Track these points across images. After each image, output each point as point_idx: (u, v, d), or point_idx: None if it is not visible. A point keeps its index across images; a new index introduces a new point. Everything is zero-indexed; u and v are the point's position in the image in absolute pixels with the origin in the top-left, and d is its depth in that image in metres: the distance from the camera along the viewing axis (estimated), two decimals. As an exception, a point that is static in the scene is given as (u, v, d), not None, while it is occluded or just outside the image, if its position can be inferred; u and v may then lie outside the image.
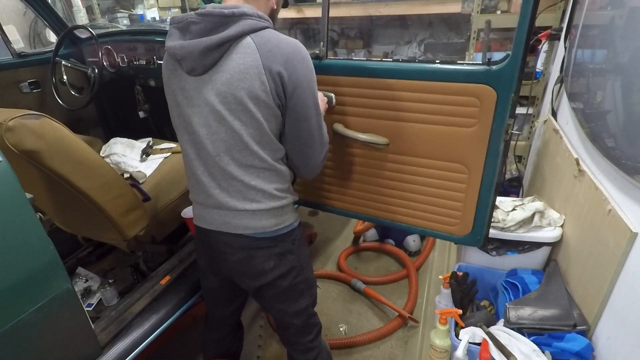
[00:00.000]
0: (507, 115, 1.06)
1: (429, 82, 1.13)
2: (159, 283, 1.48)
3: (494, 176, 1.15)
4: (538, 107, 2.22)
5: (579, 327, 1.18)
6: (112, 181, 1.31)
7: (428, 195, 1.29)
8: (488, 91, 1.05)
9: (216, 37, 0.92)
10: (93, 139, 2.11)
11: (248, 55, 0.93)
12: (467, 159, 1.17)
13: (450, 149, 1.18)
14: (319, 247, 2.51)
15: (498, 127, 1.08)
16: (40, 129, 1.08)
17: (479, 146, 1.13)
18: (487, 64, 1.05)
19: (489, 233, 1.28)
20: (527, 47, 0.98)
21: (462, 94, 1.10)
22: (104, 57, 1.91)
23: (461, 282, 1.46)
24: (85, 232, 1.64)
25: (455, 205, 1.25)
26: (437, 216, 1.30)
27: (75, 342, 1.12)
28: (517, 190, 2.23)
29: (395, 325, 1.87)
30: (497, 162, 1.13)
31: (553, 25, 2.07)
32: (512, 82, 1.01)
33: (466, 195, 1.22)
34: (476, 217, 1.23)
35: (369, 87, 1.22)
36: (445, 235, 1.32)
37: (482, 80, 1.05)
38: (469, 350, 1.21)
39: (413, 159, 1.26)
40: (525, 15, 0.95)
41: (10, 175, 0.88)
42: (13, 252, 0.90)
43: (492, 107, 1.06)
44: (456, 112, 1.13)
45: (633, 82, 1.01)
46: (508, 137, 1.10)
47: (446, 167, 1.22)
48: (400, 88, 1.17)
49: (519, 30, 0.96)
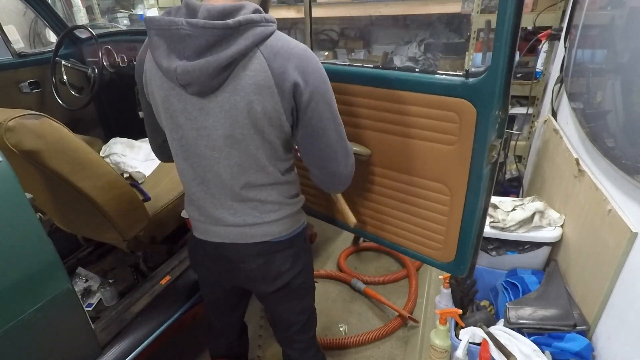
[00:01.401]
0: (491, 134, 0.93)
1: (408, 93, 1.02)
2: (159, 283, 1.48)
3: (477, 202, 1.02)
4: (538, 107, 2.22)
5: (579, 327, 1.18)
6: (112, 181, 1.31)
7: (411, 214, 1.19)
8: (467, 106, 0.93)
9: (224, 56, 0.79)
10: (93, 139, 2.11)
11: (259, 73, 0.82)
12: (449, 179, 1.05)
13: (432, 167, 1.07)
14: (319, 247, 2.51)
15: (480, 147, 0.95)
16: (40, 129, 1.08)
17: (461, 167, 1.01)
18: (465, 76, 0.92)
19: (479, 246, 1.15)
20: (511, 57, 0.84)
21: (440, 107, 0.98)
22: (104, 57, 1.91)
23: (461, 282, 1.46)
24: (85, 232, 1.64)
25: (438, 228, 1.14)
26: (421, 238, 1.20)
27: (75, 342, 1.12)
28: (517, 190, 2.23)
29: (395, 326, 1.87)
30: (481, 186, 0.99)
31: (553, 25, 2.07)
32: (493, 98, 0.88)
33: (449, 219, 1.10)
34: (459, 244, 1.11)
35: (352, 94, 1.14)
36: (429, 259, 1.21)
37: (460, 94, 0.93)
38: (469, 350, 1.21)
39: (396, 174, 1.17)
40: (504, 18, 0.80)
41: (10, 175, 0.88)
42: (13, 252, 0.90)
43: (472, 124, 0.94)
44: (436, 127, 1.02)
45: (633, 82, 1.01)
46: (494, 160, 0.97)
47: (428, 186, 1.11)
48: (381, 97, 1.08)
49: (498, 38, 0.83)
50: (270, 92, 0.83)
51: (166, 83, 0.89)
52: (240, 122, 0.86)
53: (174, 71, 0.82)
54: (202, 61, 0.79)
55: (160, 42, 0.84)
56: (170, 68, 0.82)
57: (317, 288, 1.26)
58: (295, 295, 1.16)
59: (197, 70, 0.80)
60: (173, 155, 1.02)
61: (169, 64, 0.83)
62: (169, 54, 0.83)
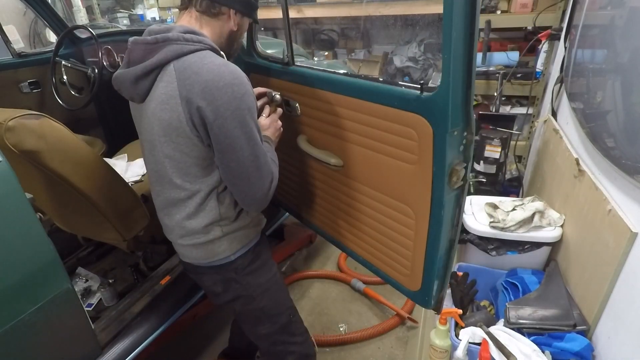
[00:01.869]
0: (450, 157, 0.83)
1: (372, 103, 0.96)
2: (159, 283, 1.48)
3: (439, 231, 0.92)
4: (538, 107, 2.22)
5: (579, 327, 1.18)
6: (112, 181, 1.31)
7: (381, 233, 1.12)
8: (423, 123, 0.84)
9: (141, 66, 0.90)
10: (93, 139, 2.11)
11: (169, 84, 0.89)
12: (412, 201, 0.97)
13: (395, 185, 1.00)
14: (319, 247, 2.51)
15: (439, 170, 0.85)
16: (40, 129, 1.08)
17: (423, 189, 0.91)
18: (420, 89, 0.82)
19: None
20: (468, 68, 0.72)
21: (399, 122, 0.91)
22: (104, 57, 1.91)
23: (461, 282, 1.46)
24: (85, 232, 1.64)
25: (405, 253, 1.06)
26: (390, 260, 1.13)
27: (75, 342, 1.12)
28: (517, 190, 2.23)
29: (391, 324, 1.87)
30: (442, 214, 0.89)
31: (553, 25, 2.07)
32: (447, 116, 0.78)
33: (414, 245, 1.01)
34: (425, 274, 1.02)
35: (325, 101, 1.09)
36: (397, 284, 1.15)
37: (415, 109, 0.85)
38: (469, 350, 1.21)
39: (367, 188, 1.11)
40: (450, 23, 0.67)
41: (10, 175, 0.88)
42: (13, 252, 0.90)
43: (430, 143, 0.84)
44: (397, 142, 0.94)
45: (633, 82, 1.01)
46: (459, 186, 0.87)
47: (393, 205, 1.03)
48: (348, 105, 1.03)
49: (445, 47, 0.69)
50: (175, 103, 0.88)
51: None
52: (154, 128, 0.94)
53: (113, 78, 0.98)
54: (129, 69, 0.93)
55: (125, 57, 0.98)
56: (113, 77, 0.98)
57: (317, 288, 1.26)
58: (244, 320, 1.20)
59: (122, 77, 0.95)
60: None
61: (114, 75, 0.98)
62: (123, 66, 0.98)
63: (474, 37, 0.70)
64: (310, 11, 3.32)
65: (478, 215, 1.55)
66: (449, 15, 0.67)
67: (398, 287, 1.15)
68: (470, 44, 0.71)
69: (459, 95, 0.77)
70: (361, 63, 3.46)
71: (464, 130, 0.82)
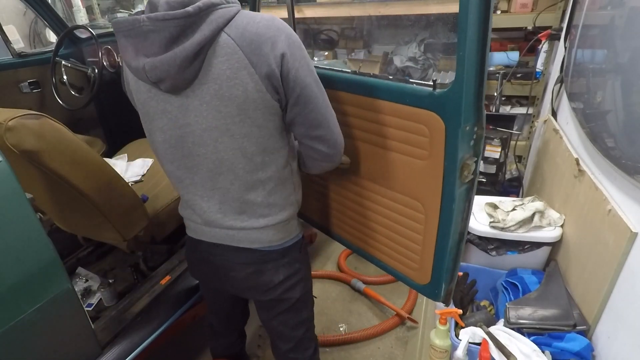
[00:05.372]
0: (462, 151, 0.86)
1: (382, 101, 0.98)
2: (159, 283, 1.48)
3: (450, 224, 0.94)
4: (538, 107, 2.22)
5: (579, 327, 1.18)
6: (112, 181, 1.31)
7: (390, 229, 1.14)
8: (435, 119, 0.86)
9: (190, 45, 0.76)
10: (93, 139, 2.11)
11: (230, 56, 0.78)
12: (423, 197, 1.00)
13: (406, 181, 1.02)
14: (319, 247, 2.51)
15: (450, 165, 0.88)
16: (40, 129, 1.08)
17: (433, 184, 0.94)
18: (432, 86, 0.85)
19: None
20: (481, 65, 0.75)
21: (411, 118, 0.93)
22: (104, 57, 1.91)
23: (461, 282, 1.46)
24: (85, 232, 1.64)
25: (415, 247, 1.08)
26: (399, 255, 1.15)
27: (75, 342, 1.12)
28: (517, 190, 2.23)
29: (390, 324, 1.87)
30: (454, 208, 0.92)
31: (553, 25, 2.07)
32: (460, 112, 0.80)
33: (424, 239, 1.04)
34: (434, 268, 1.05)
35: (333, 99, 1.07)
36: (406, 278, 1.16)
37: (427, 105, 0.87)
38: (469, 350, 1.21)
39: (376, 185, 1.12)
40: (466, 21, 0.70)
41: (10, 175, 0.88)
42: (13, 252, 0.90)
43: (442, 139, 0.87)
44: (408, 139, 0.96)
45: (633, 82, 1.01)
46: (469, 180, 0.89)
47: (403, 201, 1.05)
48: (358, 104, 1.04)
49: (460, 45, 0.72)
50: (248, 73, 0.79)
51: (143, 86, 0.87)
52: (223, 111, 0.83)
53: (142, 69, 0.79)
54: (169, 54, 0.77)
55: (127, 43, 0.81)
56: (138, 67, 0.80)
57: (317, 288, 1.26)
58: (291, 308, 1.11)
59: (165, 64, 0.77)
60: (159, 159, 0.99)
61: (137, 64, 0.80)
62: (137, 53, 0.80)
63: (487, 35, 0.73)
64: (310, 11, 3.32)
65: (478, 215, 1.55)
66: (464, 13, 0.70)
67: (406, 281, 1.16)
68: (484, 42, 0.73)
69: (472, 91, 0.79)
70: (361, 63, 3.46)
71: (474, 126, 0.85)
